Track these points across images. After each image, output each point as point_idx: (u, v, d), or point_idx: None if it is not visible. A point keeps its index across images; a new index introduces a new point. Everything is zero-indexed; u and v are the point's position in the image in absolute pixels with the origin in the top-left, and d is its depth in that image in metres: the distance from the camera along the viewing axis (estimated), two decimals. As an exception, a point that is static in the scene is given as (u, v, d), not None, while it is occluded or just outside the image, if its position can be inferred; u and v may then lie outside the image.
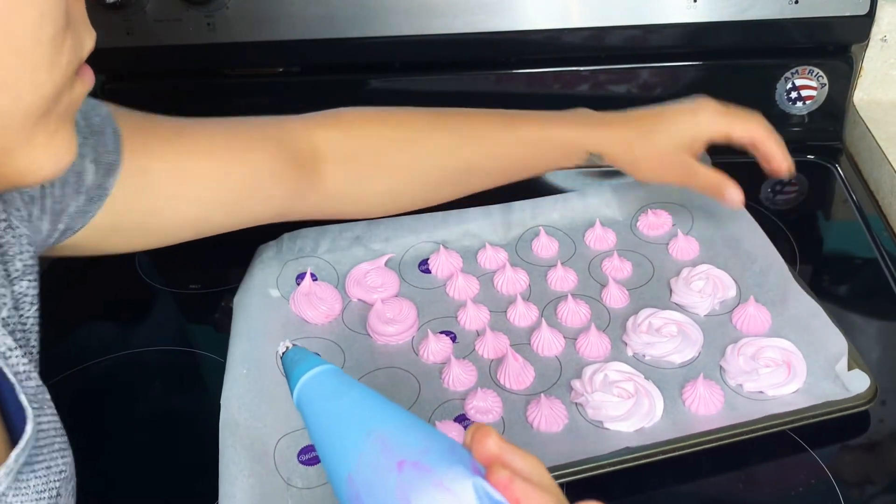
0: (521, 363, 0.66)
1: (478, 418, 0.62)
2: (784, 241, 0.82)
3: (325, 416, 0.39)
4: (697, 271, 0.74)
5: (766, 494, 0.59)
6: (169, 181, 0.58)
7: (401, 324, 0.71)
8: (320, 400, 0.40)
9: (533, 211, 0.84)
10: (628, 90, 0.97)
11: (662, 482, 0.60)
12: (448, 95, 1.01)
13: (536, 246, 0.80)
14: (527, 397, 0.65)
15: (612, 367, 0.65)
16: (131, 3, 0.91)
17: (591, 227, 0.81)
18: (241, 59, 0.95)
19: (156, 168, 0.57)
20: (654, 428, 0.61)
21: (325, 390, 0.40)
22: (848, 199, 0.89)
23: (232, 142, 0.62)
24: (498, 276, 0.77)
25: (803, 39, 0.91)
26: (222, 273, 0.83)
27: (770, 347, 0.65)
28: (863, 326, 0.72)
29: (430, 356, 0.69)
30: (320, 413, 0.40)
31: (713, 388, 0.62)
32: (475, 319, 0.72)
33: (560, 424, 0.62)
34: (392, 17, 0.90)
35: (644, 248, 0.80)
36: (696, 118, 0.69)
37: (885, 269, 0.78)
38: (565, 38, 0.91)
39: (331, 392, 0.40)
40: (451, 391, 0.66)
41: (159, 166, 0.57)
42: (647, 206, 0.83)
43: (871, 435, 0.63)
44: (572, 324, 0.71)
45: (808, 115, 0.96)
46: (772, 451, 0.61)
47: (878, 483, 0.60)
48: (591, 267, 0.78)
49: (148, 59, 0.97)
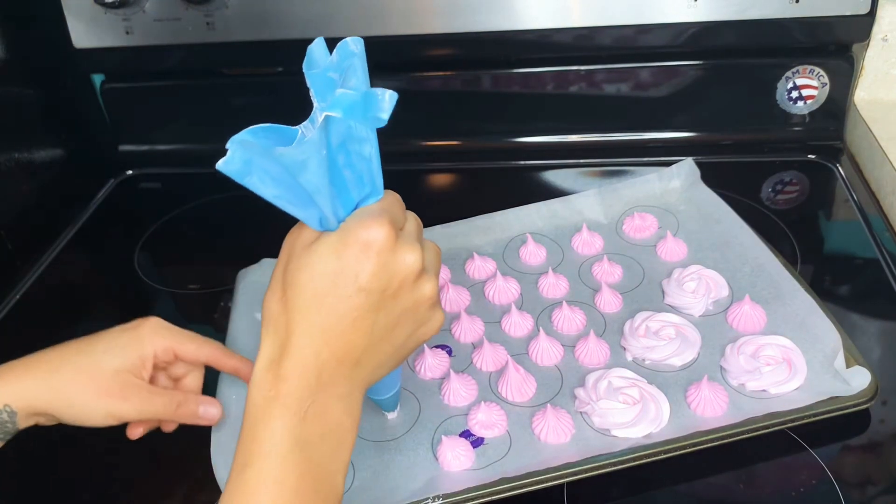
0: (522, 375, 0.65)
1: (482, 433, 0.62)
2: (785, 241, 0.82)
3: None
4: (688, 272, 0.74)
5: (766, 494, 0.59)
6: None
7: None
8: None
9: (518, 218, 0.84)
10: (628, 90, 0.97)
11: (662, 482, 0.60)
12: (448, 95, 1.01)
13: (524, 253, 0.80)
14: (531, 409, 0.64)
15: (615, 373, 0.65)
16: (131, 2, 0.91)
17: (578, 231, 0.81)
18: (241, 59, 0.96)
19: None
20: (662, 433, 0.60)
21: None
22: (849, 198, 0.89)
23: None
24: (489, 286, 0.76)
25: (804, 39, 0.91)
26: (222, 273, 0.83)
27: (769, 345, 0.65)
28: (863, 326, 0.72)
29: (428, 372, 0.68)
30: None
31: (717, 390, 0.62)
32: (470, 332, 0.71)
33: (567, 435, 0.61)
34: (391, 16, 0.90)
35: (632, 251, 0.80)
36: (137, 332, 0.57)
37: (886, 269, 0.78)
38: (565, 38, 0.92)
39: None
40: (452, 407, 0.65)
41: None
42: (633, 209, 0.83)
43: (872, 435, 0.63)
44: (568, 331, 0.71)
45: (808, 114, 0.96)
46: (772, 451, 0.61)
47: (878, 483, 0.59)
48: (582, 272, 0.78)
49: (148, 59, 0.97)
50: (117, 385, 0.54)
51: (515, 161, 1.01)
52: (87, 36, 0.95)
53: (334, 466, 0.44)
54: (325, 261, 0.43)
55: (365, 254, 0.43)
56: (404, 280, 0.44)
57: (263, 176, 0.41)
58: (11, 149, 0.91)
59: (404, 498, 0.57)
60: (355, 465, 0.60)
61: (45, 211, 0.96)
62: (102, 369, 0.54)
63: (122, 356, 0.55)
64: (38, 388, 0.53)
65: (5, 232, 0.88)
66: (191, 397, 0.58)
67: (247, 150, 0.39)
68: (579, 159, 0.99)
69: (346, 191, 0.44)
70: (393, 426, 0.64)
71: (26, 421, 0.53)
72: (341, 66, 0.43)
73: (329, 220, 0.44)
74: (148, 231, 0.95)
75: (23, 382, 0.52)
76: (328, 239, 0.44)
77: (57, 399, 0.53)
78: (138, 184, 1.06)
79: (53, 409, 0.53)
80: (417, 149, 1.03)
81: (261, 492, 0.41)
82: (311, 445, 0.42)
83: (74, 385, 0.53)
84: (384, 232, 0.43)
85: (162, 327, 0.58)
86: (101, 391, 0.53)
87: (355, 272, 0.43)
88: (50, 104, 0.99)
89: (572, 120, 1.01)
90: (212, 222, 0.96)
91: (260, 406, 0.43)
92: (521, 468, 0.58)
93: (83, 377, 0.53)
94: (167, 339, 0.57)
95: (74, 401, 0.53)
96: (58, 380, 0.53)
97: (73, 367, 0.54)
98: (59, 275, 0.90)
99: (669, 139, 1.00)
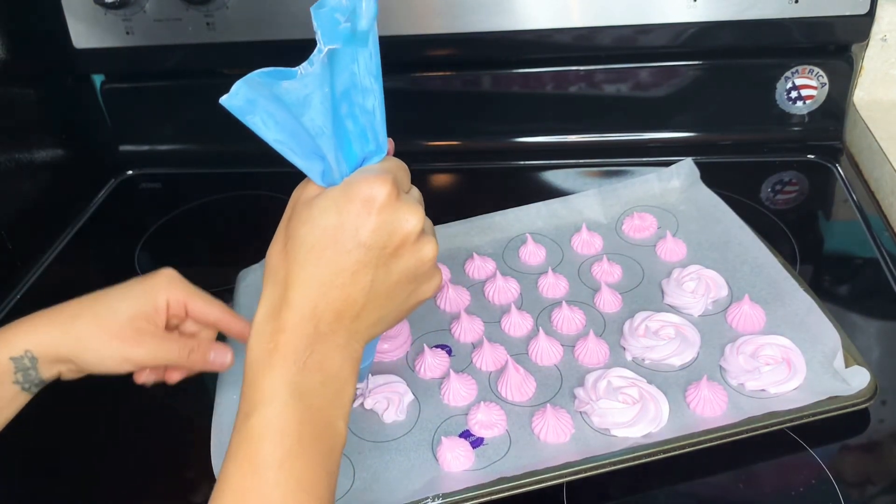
0: (522, 374, 0.65)
1: (482, 433, 0.62)
2: (784, 241, 0.82)
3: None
4: (688, 272, 0.74)
5: (766, 494, 0.59)
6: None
7: (394, 340, 0.70)
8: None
9: (518, 218, 0.84)
10: (628, 90, 0.97)
11: (662, 482, 0.60)
12: (448, 95, 1.01)
13: (524, 253, 0.80)
14: (530, 409, 0.64)
15: (615, 373, 0.65)
16: (131, 2, 0.91)
17: (578, 231, 0.81)
18: (240, 58, 0.95)
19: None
20: (662, 432, 0.60)
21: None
22: (848, 198, 0.89)
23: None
24: (488, 286, 0.76)
25: (803, 39, 0.91)
26: (222, 273, 0.82)
27: (768, 345, 0.65)
28: (863, 326, 0.72)
29: (428, 371, 0.68)
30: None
31: (716, 390, 0.62)
32: (470, 331, 0.72)
33: (567, 434, 0.61)
34: (392, 16, 0.90)
35: (632, 251, 0.80)
36: (152, 281, 0.58)
37: (886, 269, 0.78)
38: (565, 38, 0.92)
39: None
40: (452, 407, 0.65)
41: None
42: (632, 209, 0.83)
43: (871, 435, 0.63)
44: (568, 331, 0.71)
45: (808, 114, 0.96)
46: (772, 451, 0.61)
47: (878, 483, 0.59)
48: (581, 272, 0.78)
49: (148, 59, 0.97)
50: (131, 330, 0.55)
51: (515, 161, 1.01)
52: (87, 36, 0.95)
53: (335, 412, 0.45)
54: (327, 215, 0.44)
55: (366, 209, 0.44)
56: (405, 239, 0.45)
57: (267, 118, 0.42)
58: (11, 149, 0.91)
59: (404, 498, 0.57)
60: (355, 465, 0.61)
61: (45, 211, 0.96)
62: (118, 316, 0.55)
63: (136, 303, 0.56)
64: (57, 335, 0.54)
65: (5, 232, 0.88)
66: (203, 342, 0.59)
67: (252, 90, 0.40)
68: (579, 159, 0.99)
69: (348, 143, 0.45)
70: (393, 427, 0.64)
71: (49, 369, 0.54)
72: (348, 10, 0.44)
73: (332, 174, 0.45)
74: (148, 231, 0.95)
75: (43, 330, 0.54)
76: (330, 193, 0.45)
77: (75, 345, 0.54)
78: (138, 184, 1.06)
79: (73, 355, 0.54)
80: (417, 149, 1.03)
81: (264, 438, 0.42)
82: (310, 393, 0.43)
83: (91, 331, 0.54)
84: (386, 190, 0.44)
85: (176, 279, 0.59)
86: (116, 336, 0.55)
87: (355, 227, 0.44)
88: (50, 104, 0.99)
89: (572, 120, 1.01)
90: (212, 222, 0.96)
91: (260, 357, 0.44)
92: (520, 468, 0.58)
93: (99, 323, 0.55)
94: (180, 291, 0.58)
95: (91, 345, 0.54)
96: (76, 327, 0.54)
97: (90, 314, 0.55)
98: (59, 275, 0.90)
99: (669, 139, 1.00)
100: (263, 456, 0.41)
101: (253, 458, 0.41)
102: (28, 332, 0.54)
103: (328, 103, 0.42)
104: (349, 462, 0.61)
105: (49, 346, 0.54)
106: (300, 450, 0.42)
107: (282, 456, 0.41)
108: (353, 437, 0.63)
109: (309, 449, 0.42)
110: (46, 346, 0.54)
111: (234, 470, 0.42)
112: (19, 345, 0.53)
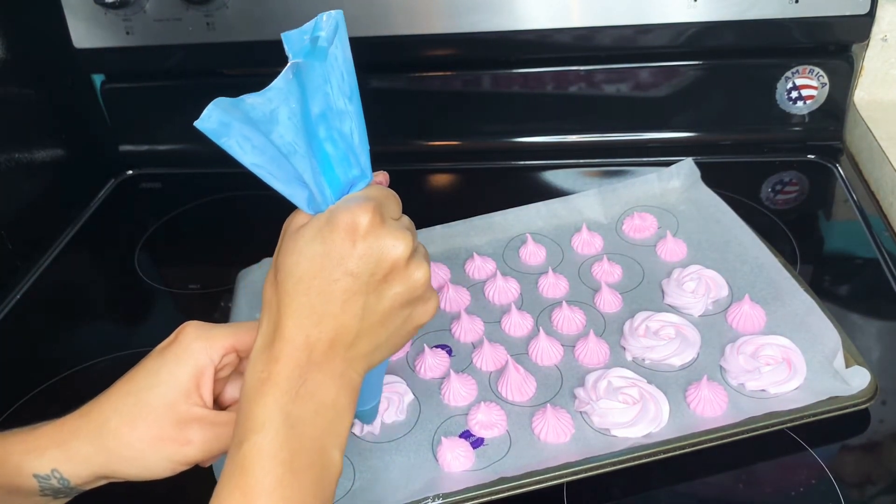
0: (522, 374, 0.65)
1: (482, 433, 0.62)
2: (784, 241, 0.82)
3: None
4: (688, 272, 0.74)
5: (766, 494, 0.59)
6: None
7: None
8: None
9: (518, 218, 0.84)
10: (628, 90, 0.97)
11: (662, 482, 0.60)
12: (448, 95, 1.01)
13: (524, 253, 0.80)
14: (531, 409, 0.64)
15: (615, 373, 0.65)
16: (131, 2, 0.91)
17: (578, 231, 0.81)
18: (241, 58, 0.96)
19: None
20: (662, 432, 0.60)
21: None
22: (848, 198, 0.89)
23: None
24: (489, 286, 0.76)
25: (804, 39, 0.91)
26: (222, 273, 0.83)
27: (768, 345, 0.65)
28: (863, 326, 0.72)
29: (428, 371, 0.68)
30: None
31: (717, 390, 0.62)
32: (470, 331, 0.72)
33: (567, 434, 0.61)
34: (392, 16, 0.90)
35: (632, 251, 0.80)
36: (178, 346, 0.48)
37: (886, 269, 0.78)
38: (565, 38, 0.92)
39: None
40: (452, 407, 0.65)
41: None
42: (632, 209, 0.83)
43: (871, 435, 0.63)
44: (568, 331, 0.71)
45: (808, 114, 0.96)
46: (772, 451, 0.61)
47: (878, 483, 0.59)
48: (581, 272, 0.78)
49: (148, 59, 0.97)
50: (173, 424, 0.46)
51: (515, 161, 1.01)
52: (87, 36, 0.95)
53: (329, 441, 0.44)
54: (312, 245, 0.44)
55: (350, 238, 0.43)
56: (394, 265, 0.45)
57: (243, 142, 0.42)
58: (11, 149, 0.91)
59: (404, 498, 0.57)
60: (355, 465, 0.61)
61: (45, 211, 0.96)
62: (152, 409, 0.46)
63: (169, 386, 0.47)
64: (88, 452, 0.46)
65: (5, 232, 0.88)
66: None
67: (224, 112, 0.40)
68: (579, 159, 0.99)
69: (330, 168, 0.45)
70: (393, 427, 0.64)
71: (91, 485, 0.48)
72: (314, 28, 0.45)
73: (317, 201, 0.45)
74: (148, 231, 0.95)
75: (72, 445, 0.46)
76: (315, 223, 0.45)
77: (110, 459, 0.46)
78: (138, 184, 1.06)
79: (110, 471, 0.47)
80: (417, 149, 1.03)
81: (255, 465, 0.41)
82: (303, 422, 0.43)
83: (125, 440, 0.46)
84: (367, 217, 0.43)
85: (204, 329, 0.49)
86: (157, 438, 0.46)
87: (340, 255, 0.43)
88: (50, 104, 0.99)
89: (572, 120, 1.01)
90: (212, 222, 0.96)
91: (254, 386, 0.43)
92: (520, 468, 0.58)
93: (132, 426, 0.46)
94: (221, 338, 0.49)
95: (127, 455, 0.46)
96: (105, 438, 0.46)
97: (118, 417, 0.46)
98: (59, 275, 0.90)
99: (669, 139, 1.00)
100: (253, 484, 0.41)
101: (244, 486, 0.41)
102: (55, 445, 0.46)
103: (297, 119, 0.42)
104: (349, 462, 0.61)
105: (80, 464, 0.46)
106: (292, 478, 0.41)
107: (272, 484, 0.41)
108: (354, 437, 0.63)
109: (301, 477, 0.42)
110: (77, 464, 0.46)
111: (225, 496, 0.41)
112: (45, 461, 0.46)
